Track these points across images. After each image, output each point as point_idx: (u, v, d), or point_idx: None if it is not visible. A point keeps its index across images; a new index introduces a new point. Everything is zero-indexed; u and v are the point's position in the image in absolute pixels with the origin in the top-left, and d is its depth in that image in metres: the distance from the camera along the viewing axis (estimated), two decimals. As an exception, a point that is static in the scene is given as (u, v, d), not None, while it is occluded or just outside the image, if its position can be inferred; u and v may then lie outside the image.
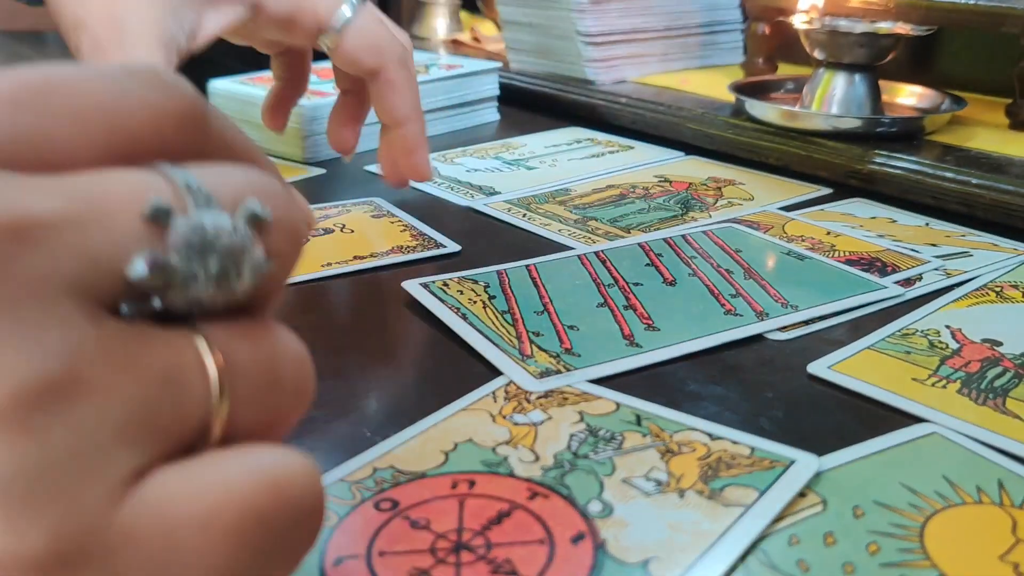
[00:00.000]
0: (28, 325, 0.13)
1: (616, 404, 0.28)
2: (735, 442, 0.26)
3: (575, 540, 0.22)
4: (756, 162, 0.56)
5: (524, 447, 0.26)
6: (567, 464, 0.25)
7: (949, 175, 0.47)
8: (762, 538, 0.23)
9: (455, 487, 0.24)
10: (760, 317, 0.35)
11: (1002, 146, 0.51)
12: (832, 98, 0.56)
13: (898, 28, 0.55)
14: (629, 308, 0.35)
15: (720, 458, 0.26)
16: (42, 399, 0.13)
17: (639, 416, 0.28)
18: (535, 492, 0.24)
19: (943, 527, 0.23)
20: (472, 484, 0.24)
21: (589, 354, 0.32)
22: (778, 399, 0.30)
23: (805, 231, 0.44)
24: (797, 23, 0.57)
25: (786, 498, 0.24)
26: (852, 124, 0.53)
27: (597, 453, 0.26)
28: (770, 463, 0.25)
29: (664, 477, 0.25)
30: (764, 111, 0.56)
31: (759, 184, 0.52)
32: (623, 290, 0.37)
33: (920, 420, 0.28)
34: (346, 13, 0.41)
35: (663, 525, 0.23)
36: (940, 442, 0.27)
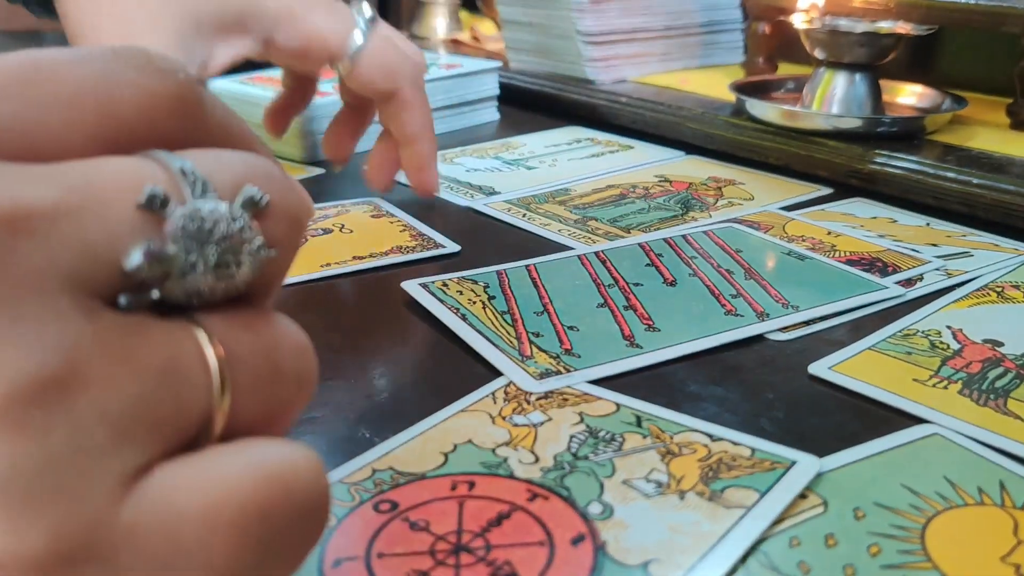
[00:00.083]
0: (25, 320, 0.12)
1: (616, 405, 0.28)
2: (736, 443, 0.26)
3: (575, 542, 0.22)
4: (756, 162, 0.55)
5: (524, 448, 0.26)
6: (567, 465, 0.25)
7: (950, 175, 0.47)
8: (763, 540, 0.22)
9: (455, 488, 0.24)
10: (761, 317, 0.34)
11: (1003, 146, 0.51)
12: (833, 98, 0.56)
13: (899, 28, 0.55)
14: (629, 308, 0.35)
15: (721, 459, 0.26)
16: (40, 395, 0.12)
17: (639, 417, 0.28)
18: (535, 493, 0.24)
19: (944, 528, 0.23)
20: (472, 485, 0.24)
21: (589, 355, 0.31)
22: (779, 400, 0.29)
23: (806, 231, 0.44)
24: (797, 23, 0.57)
25: (787, 499, 0.24)
26: (853, 124, 0.53)
27: (597, 454, 0.26)
28: (771, 464, 0.25)
29: (664, 478, 0.25)
30: (764, 111, 0.56)
31: (759, 184, 0.52)
32: (623, 290, 0.37)
33: (921, 421, 0.28)
34: (357, 40, 0.41)
35: (663, 527, 0.23)
36: (941, 443, 0.27)
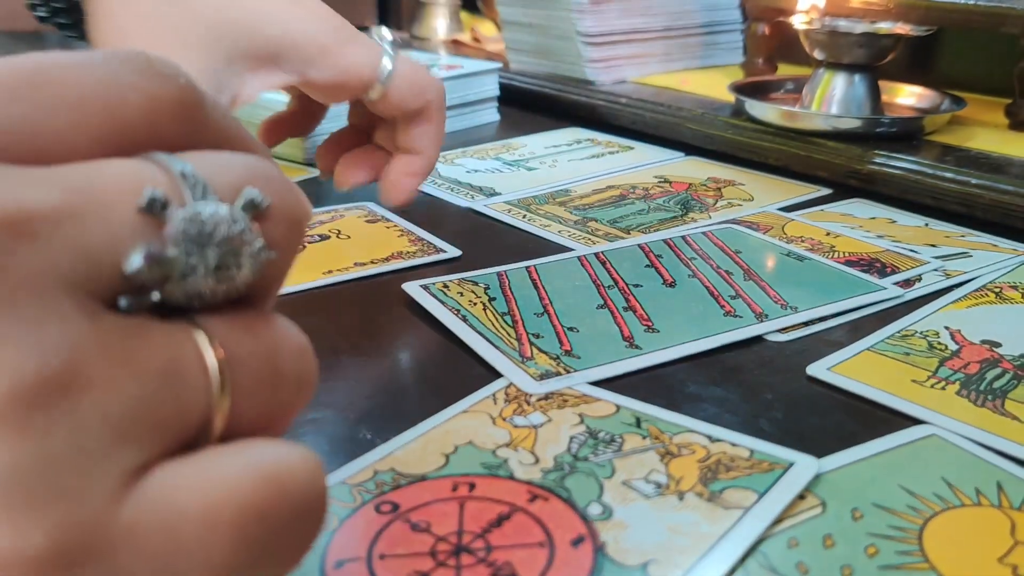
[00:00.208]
0: (26, 321, 0.13)
1: (616, 406, 0.28)
2: (734, 444, 0.26)
3: (575, 543, 0.22)
4: (756, 162, 0.56)
5: (524, 449, 0.26)
6: (567, 466, 0.25)
7: (949, 175, 0.47)
8: (761, 540, 0.23)
9: (455, 489, 0.24)
10: (760, 318, 0.35)
11: (1002, 146, 0.52)
12: (832, 98, 0.56)
13: (898, 28, 0.55)
14: (629, 310, 0.35)
15: (719, 460, 0.26)
16: (41, 396, 0.12)
17: (639, 418, 0.28)
18: (535, 495, 0.24)
19: (942, 529, 0.23)
20: (472, 487, 0.25)
21: (589, 356, 0.32)
22: (777, 401, 0.30)
23: (805, 232, 0.44)
24: (797, 23, 0.57)
25: (785, 500, 0.24)
26: (852, 124, 0.53)
27: (597, 455, 0.26)
28: (769, 465, 0.25)
29: (664, 479, 0.25)
30: (764, 111, 0.56)
31: (759, 184, 0.52)
32: (623, 291, 0.37)
33: (919, 422, 0.28)
34: (388, 66, 0.42)
35: (663, 527, 0.23)
36: (939, 444, 0.27)
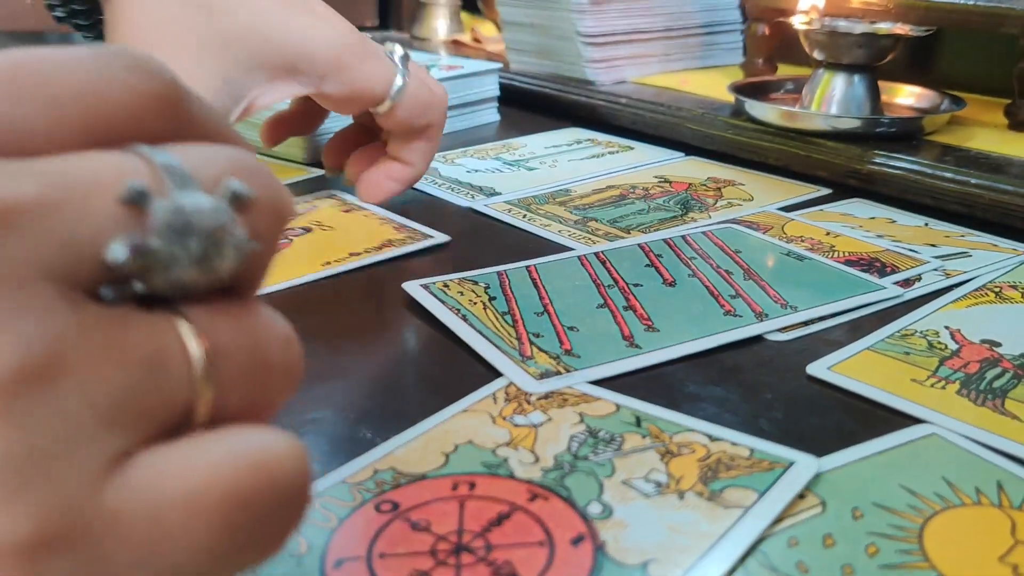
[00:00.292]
0: (8, 311, 0.13)
1: (616, 405, 0.28)
2: (735, 443, 0.26)
3: (575, 542, 0.22)
4: (756, 162, 0.56)
5: (524, 448, 0.26)
6: (567, 465, 0.25)
7: (948, 175, 0.47)
8: (761, 540, 0.23)
9: (455, 489, 0.24)
10: (759, 318, 0.35)
11: (1001, 146, 0.52)
12: (831, 98, 0.56)
13: (897, 29, 0.55)
14: (629, 309, 0.35)
15: (720, 459, 0.26)
16: (23, 385, 0.13)
17: (639, 417, 0.28)
18: (535, 494, 0.24)
19: (942, 528, 0.23)
20: (472, 486, 0.25)
21: (589, 355, 0.32)
22: (777, 400, 0.30)
23: (804, 231, 0.44)
24: (797, 24, 0.57)
25: (785, 499, 0.24)
26: (851, 124, 0.53)
27: (597, 454, 0.26)
28: (769, 464, 0.25)
29: (664, 479, 0.25)
30: (764, 111, 0.56)
31: (759, 184, 0.52)
32: (623, 291, 0.37)
33: (919, 421, 0.28)
34: (399, 83, 0.43)
35: (663, 527, 0.23)
36: (939, 443, 0.27)
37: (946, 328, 0.34)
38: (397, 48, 0.44)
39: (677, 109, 0.61)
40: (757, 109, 0.57)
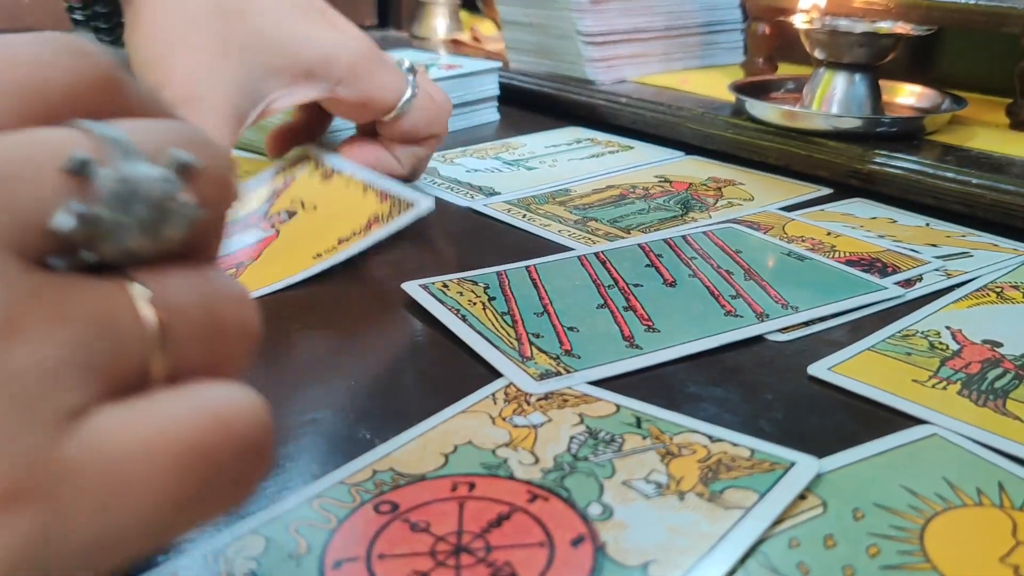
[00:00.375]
0: None
1: (616, 406, 0.28)
2: (735, 444, 0.26)
3: (575, 543, 0.22)
4: (756, 162, 0.55)
5: (524, 449, 0.26)
6: (567, 466, 0.25)
7: (949, 175, 0.47)
8: (762, 540, 0.23)
9: (455, 489, 0.24)
10: (760, 318, 0.35)
11: (1002, 146, 0.51)
12: (832, 98, 0.56)
13: (898, 28, 0.55)
14: (629, 309, 0.35)
15: (720, 460, 0.26)
16: None
17: (639, 418, 0.28)
18: (535, 494, 0.24)
19: (943, 529, 0.23)
20: (472, 486, 0.24)
21: (589, 356, 0.32)
22: (778, 401, 0.30)
23: (805, 231, 0.44)
24: (797, 23, 0.57)
25: (786, 500, 0.24)
26: (852, 124, 0.53)
27: (597, 455, 0.26)
28: (770, 465, 0.25)
29: (664, 479, 0.25)
30: (764, 111, 0.56)
31: (759, 184, 0.52)
32: (623, 291, 0.37)
33: (920, 422, 0.28)
34: (408, 94, 0.44)
35: (663, 528, 0.23)
36: (940, 444, 0.27)
37: (947, 328, 0.34)
38: (407, 62, 0.45)
39: (677, 108, 0.61)
40: (758, 109, 0.57)
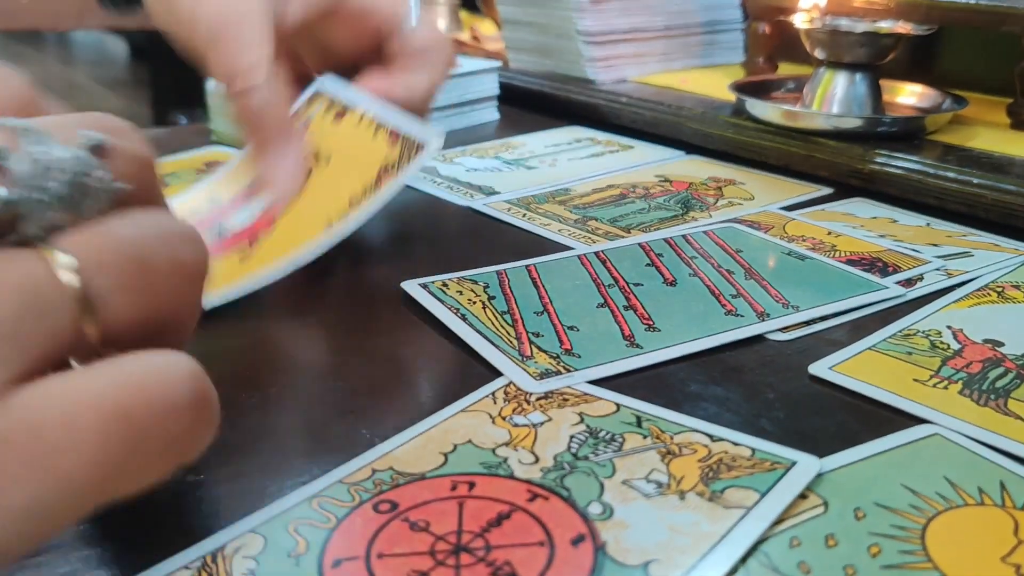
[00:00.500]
0: None
1: (616, 405, 0.28)
2: (736, 443, 0.26)
3: (575, 542, 0.22)
4: (757, 162, 0.55)
5: (524, 448, 0.26)
6: (567, 466, 0.25)
7: (950, 175, 0.47)
8: (763, 540, 0.22)
9: (454, 489, 0.24)
10: (761, 317, 0.34)
11: (1004, 146, 0.51)
12: (833, 98, 0.56)
13: (899, 27, 0.55)
14: (629, 308, 0.35)
15: (721, 460, 0.25)
16: None
17: (639, 417, 0.28)
18: (535, 494, 0.24)
19: (945, 528, 0.23)
20: (472, 486, 0.24)
21: (589, 355, 0.31)
22: (779, 400, 0.29)
23: (806, 231, 0.44)
24: (798, 22, 0.57)
25: (787, 500, 0.24)
26: (853, 124, 0.53)
27: (597, 455, 0.26)
28: (771, 464, 0.25)
29: (664, 479, 0.25)
30: (765, 110, 0.56)
31: (760, 184, 0.52)
32: (623, 290, 0.37)
33: (921, 421, 0.28)
34: (415, 12, 0.43)
35: (663, 527, 0.23)
36: (941, 443, 0.27)
37: (948, 328, 0.34)
38: None
39: (678, 108, 0.61)
40: (758, 108, 0.56)
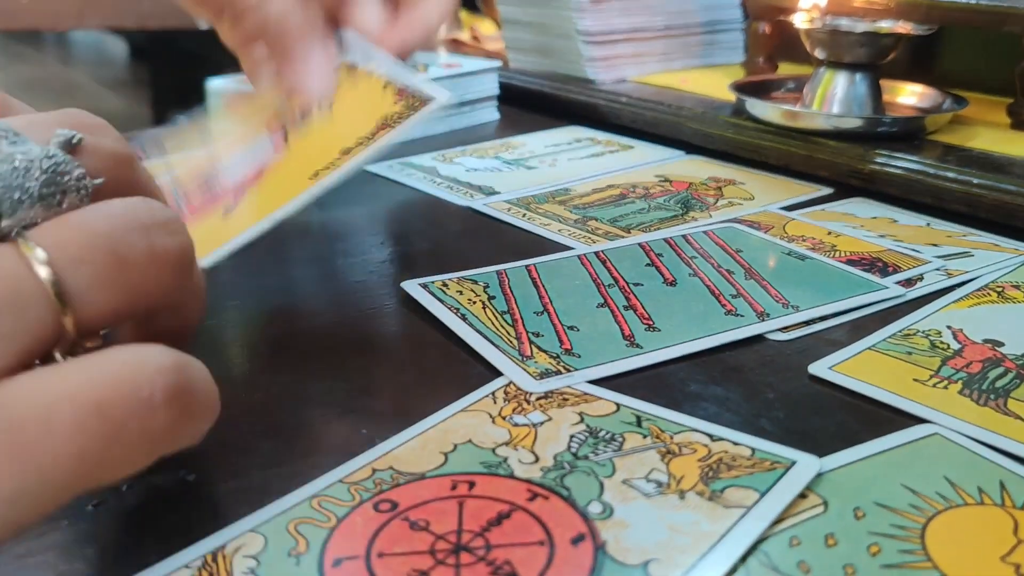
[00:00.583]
0: None
1: (616, 405, 0.28)
2: (736, 443, 0.26)
3: (575, 541, 0.22)
4: (757, 162, 0.55)
5: (524, 448, 0.26)
6: (567, 465, 0.25)
7: (950, 175, 0.47)
8: (763, 539, 0.22)
9: (455, 488, 0.24)
10: (761, 317, 0.34)
11: (1004, 146, 0.51)
12: (833, 97, 0.56)
13: (899, 27, 0.55)
14: (629, 308, 0.35)
15: (721, 459, 0.25)
16: None
17: (639, 417, 0.28)
18: (535, 493, 0.24)
19: (944, 528, 0.23)
20: (472, 485, 0.24)
21: (589, 355, 0.31)
22: (779, 400, 0.29)
23: (806, 231, 0.44)
24: (798, 22, 0.57)
25: (787, 499, 0.24)
26: (853, 124, 0.53)
27: (597, 454, 0.26)
28: (771, 464, 0.25)
29: (664, 478, 0.25)
30: (765, 110, 0.56)
31: (760, 184, 0.52)
32: (623, 290, 0.37)
33: (921, 421, 0.28)
34: None
35: (663, 526, 0.23)
36: (941, 443, 0.27)
37: (948, 328, 0.34)
38: None
39: (678, 108, 0.61)
40: (758, 108, 0.57)
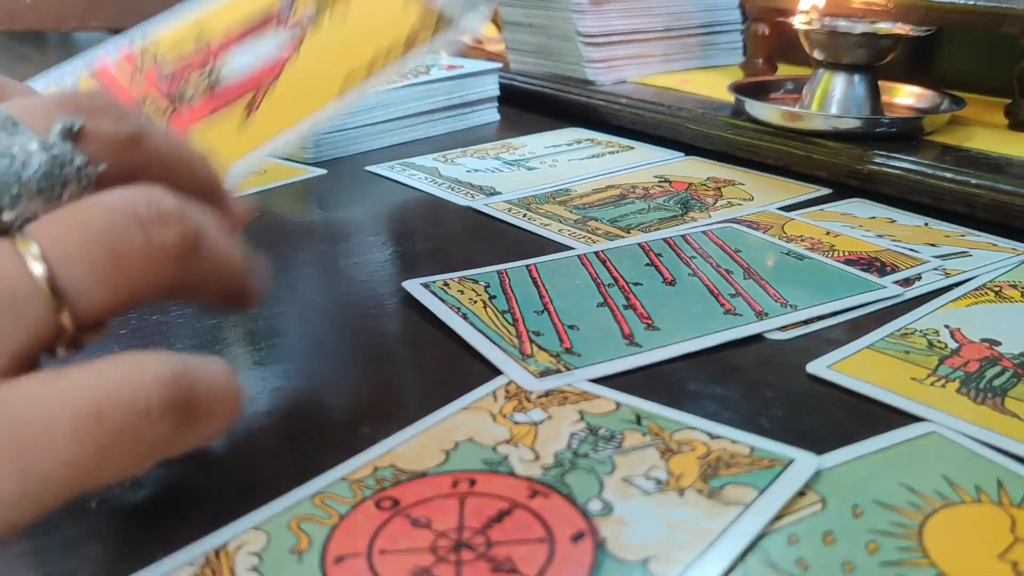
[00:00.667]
0: None
1: (616, 403, 0.28)
2: (735, 441, 0.26)
3: (575, 538, 0.22)
4: (756, 162, 0.56)
5: (524, 446, 0.26)
6: (567, 463, 0.25)
7: (948, 175, 0.47)
8: (761, 537, 0.23)
9: (456, 486, 0.24)
10: (760, 317, 0.35)
11: (1001, 146, 0.52)
12: (831, 98, 0.56)
13: (897, 28, 0.55)
14: (629, 308, 0.35)
15: (720, 457, 0.26)
16: None
17: (639, 415, 0.28)
18: (535, 491, 0.24)
19: (942, 526, 0.23)
20: (473, 483, 0.25)
21: (589, 353, 0.32)
22: (777, 398, 0.30)
23: (804, 231, 0.44)
24: (797, 24, 0.57)
25: (785, 497, 0.24)
26: (851, 124, 0.53)
27: (597, 452, 0.26)
28: (769, 462, 0.25)
29: (664, 476, 0.25)
30: (764, 111, 0.56)
31: (759, 184, 0.53)
32: (623, 290, 0.37)
33: (919, 419, 0.28)
34: None
35: (663, 524, 0.23)
36: (939, 441, 0.27)
37: (946, 327, 0.34)
38: None
39: (677, 109, 0.61)
40: (757, 109, 0.57)
